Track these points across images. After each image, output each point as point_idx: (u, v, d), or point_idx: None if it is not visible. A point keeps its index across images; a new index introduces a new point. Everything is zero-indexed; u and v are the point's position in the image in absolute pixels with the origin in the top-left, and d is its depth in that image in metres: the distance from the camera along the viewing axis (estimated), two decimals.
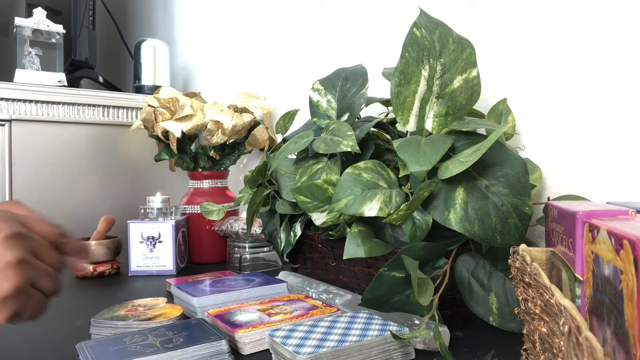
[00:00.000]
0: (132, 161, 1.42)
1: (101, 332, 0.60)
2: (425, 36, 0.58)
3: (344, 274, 0.72)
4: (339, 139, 0.65)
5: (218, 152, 1.17)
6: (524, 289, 0.41)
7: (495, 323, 0.53)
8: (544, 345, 0.37)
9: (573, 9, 0.67)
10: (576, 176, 0.68)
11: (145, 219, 1.00)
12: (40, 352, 0.57)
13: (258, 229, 0.97)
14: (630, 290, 0.26)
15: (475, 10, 0.80)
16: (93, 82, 1.62)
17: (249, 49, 1.38)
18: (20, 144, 1.23)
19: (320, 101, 0.76)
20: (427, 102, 0.59)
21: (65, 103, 1.30)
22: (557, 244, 0.41)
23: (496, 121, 0.73)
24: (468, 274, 0.56)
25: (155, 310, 0.65)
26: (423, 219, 0.57)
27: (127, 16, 2.12)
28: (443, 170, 0.52)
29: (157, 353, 0.49)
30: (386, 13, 0.96)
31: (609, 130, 0.64)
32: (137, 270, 0.98)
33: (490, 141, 0.50)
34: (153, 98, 1.12)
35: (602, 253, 0.31)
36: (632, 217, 0.34)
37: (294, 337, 0.51)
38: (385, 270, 0.55)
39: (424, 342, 0.54)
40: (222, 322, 0.59)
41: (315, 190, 0.64)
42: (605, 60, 0.64)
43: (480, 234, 0.51)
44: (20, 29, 1.32)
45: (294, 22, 1.21)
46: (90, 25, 1.53)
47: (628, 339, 0.27)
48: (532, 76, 0.73)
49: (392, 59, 0.92)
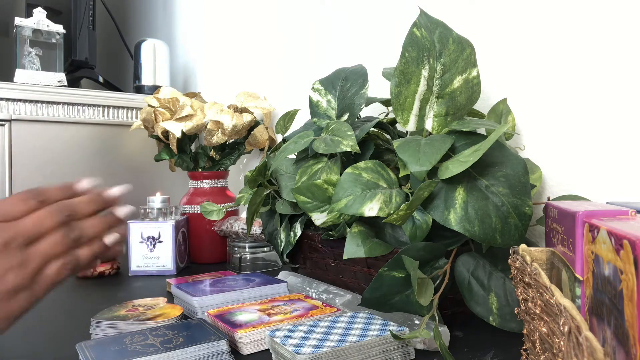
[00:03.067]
0: (132, 161, 1.42)
1: (101, 332, 0.60)
2: (425, 36, 0.58)
3: (344, 274, 0.72)
4: (339, 139, 0.65)
5: (218, 152, 1.17)
6: (524, 289, 0.41)
7: (495, 323, 0.53)
8: (544, 345, 0.37)
9: (573, 9, 0.67)
10: (576, 176, 0.68)
11: (145, 219, 1.00)
12: (40, 352, 0.57)
13: (258, 229, 0.97)
14: (630, 290, 0.26)
15: (475, 10, 0.80)
16: (93, 82, 1.62)
17: (249, 49, 1.38)
18: (20, 144, 1.23)
19: (320, 101, 0.76)
20: (427, 102, 0.59)
21: (65, 103, 1.30)
22: (557, 244, 0.41)
23: (496, 121, 0.73)
24: (468, 274, 0.56)
25: (155, 310, 0.65)
26: (423, 219, 0.57)
27: (127, 16, 2.12)
28: (443, 170, 0.52)
29: (157, 353, 0.49)
30: (386, 13, 0.96)
31: (609, 130, 0.64)
32: (137, 270, 0.98)
33: (490, 141, 0.50)
34: (153, 98, 1.12)
35: (602, 253, 0.31)
36: (632, 217, 0.34)
37: (294, 337, 0.51)
38: (385, 270, 0.55)
39: (424, 342, 0.54)
40: (222, 322, 0.59)
41: (315, 190, 0.64)
42: (605, 60, 0.64)
43: (480, 234, 0.51)
44: (20, 29, 1.32)
45: (294, 22, 1.21)
46: (90, 25, 1.53)
47: (628, 339, 0.27)
48: (532, 76, 0.73)
49: (392, 59, 0.92)
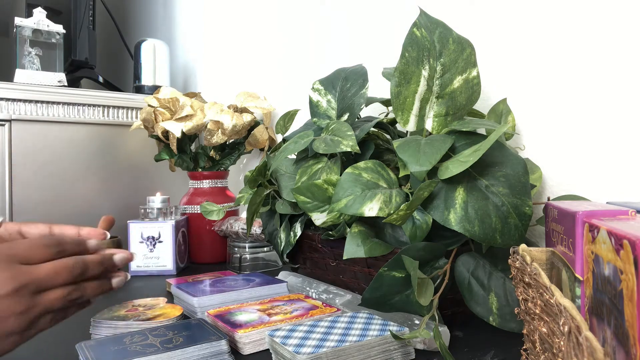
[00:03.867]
0: (132, 161, 1.42)
1: (101, 332, 0.60)
2: (425, 36, 0.58)
3: (344, 274, 0.72)
4: (339, 139, 0.65)
5: (218, 152, 1.17)
6: (524, 289, 0.41)
7: (495, 323, 0.53)
8: (544, 345, 0.37)
9: (573, 9, 0.67)
10: (576, 176, 0.68)
11: (145, 219, 1.00)
12: (40, 352, 0.57)
13: (258, 229, 0.97)
14: (630, 290, 0.26)
15: (475, 10, 0.80)
16: (93, 82, 1.62)
17: (249, 49, 1.38)
18: (20, 144, 1.23)
19: (320, 101, 0.76)
20: (427, 102, 0.59)
21: (65, 103, 1.29)
22: (557, 244, 0.41)
23: (496, 121, 0.73)
24: (468, 274, 0.56)
25: (155, 310, 0.65)
26: (423, 219, 0.57)
27: (127, 16, 2.12)
28: (443, 170, 0.52)
29: (157, 353, 0.49)
30: (386, 13, 0.96)
31: (609, 131, 0.64)
32: (137, 270, 0.98)
33: (490, 141, 0.50)
34: (153, 98, 1.12)
35: (602, 253, 0.31)
36: (632, 217, 0.34)
37: (294, 337, 0.51)
38: (385, 270, 0.55)
39: (424, 342, 0.54)
40: (222, 322, 0.59)
41: (315, 190, 0.64)
42: (605, 61, 0.64)
43: (480, 234, 0.51)
44: (20, 29, 1.32)
45: (294, 21, 1.21)
46: (90, 25, 1.53)
47: (628, 339, 0.27)
48: (532, 76, 0.73)
49: (392, 59, 0.92)
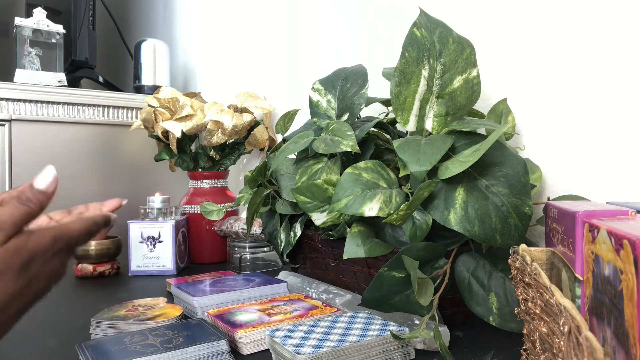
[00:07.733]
0: (132, 161, 1.42)
1: (101, 332, 0.60)
2: (425, 36, 0.58)
3: (344, 274, 0.72)
4: (339, 139, 0.65)
5: (218, 152, 1.17)
6: (524, 289, 0.41)
7: (495, 323, 0.53)
8: (544, 345, 0.37)
9: (573, 9, 0.67)
10: (576, 176, 0.68)
11: (145, 219, 1.00)
12: (40, 352, 0.57)
13: (258, 229, 0.97)
14: (630, 290, 0.26)
15: (475, 10, 0.80)
16: (93, 82, 1.62)
17: (249, 49, 1.38)
18: (20, 144, 1.23)
19: (320, 101, 0.76)
20: (427, 102, 0.59)
21: (65, 103, 1.30)
22: (557, 244, 0.41)
23: (496, 121, 0.73)
24: (468, 274, 0.56)
25: (155, 310, 0.65)
26: (423, 219, 0.57)
27: (127, 16, 2.12)
28: (443, 170, 0.52)
29: (157, 353, 0.49)
30: (386, 13, 0.96)
31: (609, 131, 0.64)
32: (137, 270, 0.98)
33: (490, 141, 0.50)
34: (153, 98, 1.12)
35: (602, 253, 0.31)
36: (632, 217, 0.34)
37: (294, 337, 0.51)
38: (385, 270, 0.55)
39: (424, 342, 0.54)
40: (222, 322, 0.59)
41: (315, 190, 0.64)
42: (605, 61, 0.64)
43: (480, 234, 0.51)
44: (20, 29, 1.32)
45: (294, 22, 1.21)
46: (90, 25, 1.53)
47: (628, 339, 0.27)
48: (532, 76, 0.72)
49: (392, 59, 0.92)
